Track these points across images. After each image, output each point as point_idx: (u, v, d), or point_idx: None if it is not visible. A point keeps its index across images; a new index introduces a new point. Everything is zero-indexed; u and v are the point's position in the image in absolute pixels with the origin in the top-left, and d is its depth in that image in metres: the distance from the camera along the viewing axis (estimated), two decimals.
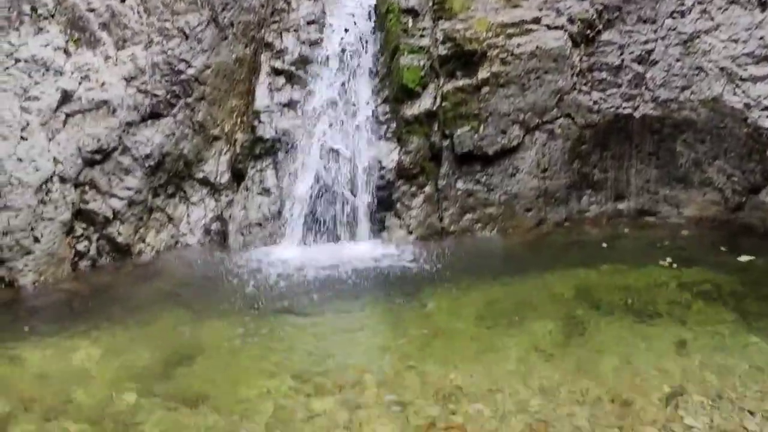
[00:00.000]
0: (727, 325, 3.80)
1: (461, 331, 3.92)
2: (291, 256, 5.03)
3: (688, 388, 3.06)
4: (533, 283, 4.66)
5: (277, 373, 3.30)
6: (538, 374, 3.26)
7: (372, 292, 4.58)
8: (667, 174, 5.97)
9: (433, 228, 5.56)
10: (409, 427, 2.76)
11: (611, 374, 3.25)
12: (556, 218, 5.94)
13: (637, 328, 3.84)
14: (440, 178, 5.61)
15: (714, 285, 4.50)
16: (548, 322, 3.93)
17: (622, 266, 4.92)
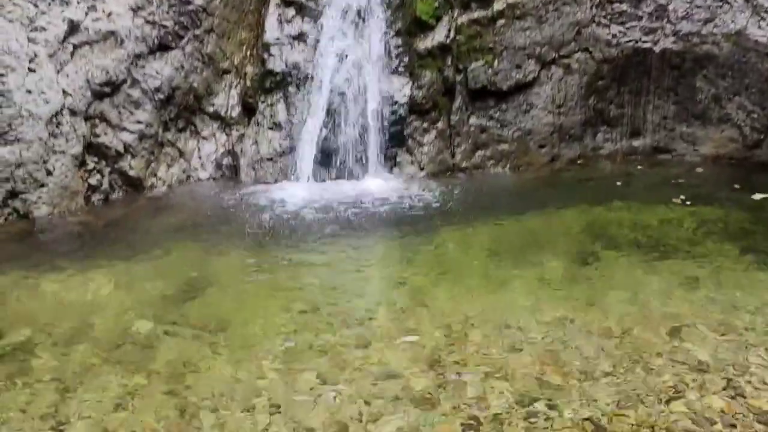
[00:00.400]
0: (738, 262, 3.80)
1: (472, 266, 3.94)
2: (302, 192, 5.03)
3: (695, 321, 3.07)
4: (545, 220, 4.66)
5: (289, 306, 3.34)
6: (547, 308, 3.28)
7: (383, 228, 4.60)
8: (685, 110, 5.85)
9: (445, 164, 5.52)
10: (420, 359, 2.81)
11: (620, 308, 3.27)
12: (569, 155, 5.88)
13: (648, 263, 3.84)
14: (453, 113, 5.53)
15: (726, 222, 4.48)
16: (559, 258, 3.94)
17: (635, 203, 4.90)
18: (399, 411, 2.42)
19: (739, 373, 2.54)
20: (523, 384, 2.58)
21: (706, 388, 2.46)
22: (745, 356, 2.69)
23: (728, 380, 2.50)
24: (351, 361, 2.79)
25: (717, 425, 2.22)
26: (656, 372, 2.62)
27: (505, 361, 2.77)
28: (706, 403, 2.36)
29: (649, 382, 2.54)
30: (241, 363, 2.77)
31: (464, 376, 2.66)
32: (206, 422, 2.36)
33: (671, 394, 2.44)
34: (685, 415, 2.30)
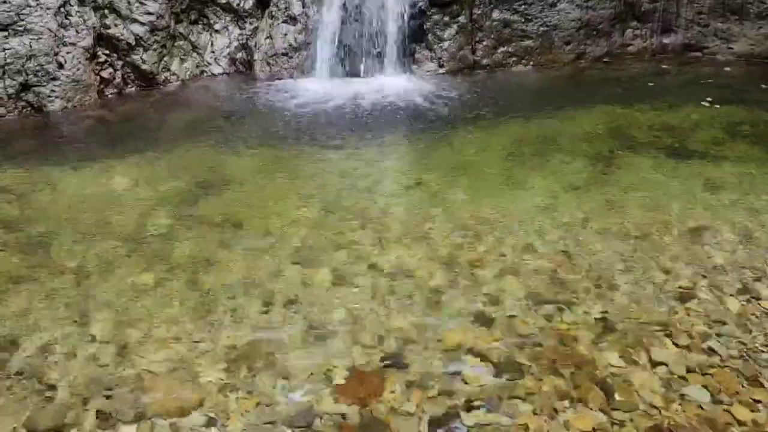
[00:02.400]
0: (764, 166, 3.70)
1: (490, 166, 3.88)
2: (318, 88, 4.90)
3: (714, 225, 3.04)
4: (567, 120, 4.54)
5: (307, 203, 3.34)
6: (564, 209, 3.26)
7: (400, 127, 4.51)
8: (722, 5, 5.52)
9: (466, 61, 5.32)
10: (434, 255, 2.82)
11: (638, 210, 3.23)
12: (596, 52, 5.63)
13: (669, 166, 3.76)
14: (476, 6, 5.25)
15: (755, 125, 4.33)
16: (580, 160, 3.87)
17: (661, 104, 4.74)
18: (413, 308, 2.46)
19: (755, 277, 2.53)
20: (537, 283, 2.60)
21: (721, 290, 2.45)
22: (763, 259, 2.67)
23: (744, 283, 2.48)
24: (366, 258, 2.81)
25: (728, 325, 2.23)
26: (672, 274, 2.62)
27: (520, 260, 2.78)
28: (721, 304, 2.36)
29: (664, 283, 2.55)
30: (259, 258, 2.81)
31: (478, 274, 2.68)
32: (224, 315, 2.42)
33: (685, 295, 2.44)
34: (697, 315, 2.31)
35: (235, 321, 2.39)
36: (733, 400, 1.90)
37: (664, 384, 1.99)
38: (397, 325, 2.36)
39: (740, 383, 1.95)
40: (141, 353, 2.21)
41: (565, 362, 2.12)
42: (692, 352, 2.11)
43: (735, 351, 2.10)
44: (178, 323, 2.37)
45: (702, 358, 2.08)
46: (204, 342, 2.27)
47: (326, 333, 2.32)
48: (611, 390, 1.98)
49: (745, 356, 2.06)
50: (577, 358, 2.15)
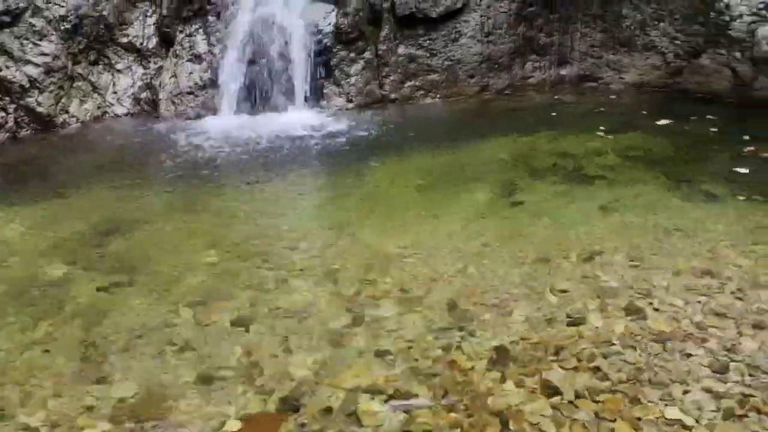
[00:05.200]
0: (655, 188, 3.90)
1: (400, 198, 3.93)
2: (225, 126, 4.87)
3: (607, 246, 3.16)
4: (475, 150, 4.68)
5: (210, 243, 3.28)
6: (470, 238, 3.32)
7: (309, 162, 4.52)
8: (612, 38, 5.88)
9: (374, 95, 5.42)
10: (339, 292, 2.81)
11: (540, 236, 3.33)
12: (499, 85, 5.86)
13: (570, 191, 3.92)
14: (381, 42, 5.39)
15: (645, 150, 4.58)
16: (487, 188, 3.98)
17: (561, 132, 4.95)
18: (313, 348, 2.43)
19: (641, 296, 2.64)
20: (438, 315, 2.62)
21: (610, 312, 2.55)
22: (650, 280, 2.79)
23: (630, 303, 2.59)
24: (269, 298, 2.77)
25: (616, 346, 2.31)
26: (567, 298, 2.70)
27: (421, 292, 2.80)
28: (608, 326, 2.45)
29: (559, 307, 2.62)
30: (155, 303, 2.72)
31: (381, 309, 2.68)
32: (113, 366, 2.32)
33: (577, 318, 2.52)
34: (587, 337, 2.39)
35: (124, 372, 2.29)
36: (616, 416, 1.96)
37: (555, 409, 2.03)
38: (296, 367, 2.32)
39: (624, 403, 2.02)
40: (19, 413, 2.08)
41: (461, 394, 2.14)
42: (582, 375, 2.17)
43: (622, 372, 2.17)
44: (61, 378, 2.24)
45: (590, 379, 2.15)
46: (89, 396, 2.15)
47: (221, 379, 2.25)
48: (506, 419, 2.01)
49: (631, 377, 2.14)
50: (473, 388, 2.17)
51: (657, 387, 2.08)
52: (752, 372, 2.11)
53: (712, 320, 2.44)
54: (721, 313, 2.49)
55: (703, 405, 1.99)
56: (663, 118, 5.04)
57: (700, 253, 3.04)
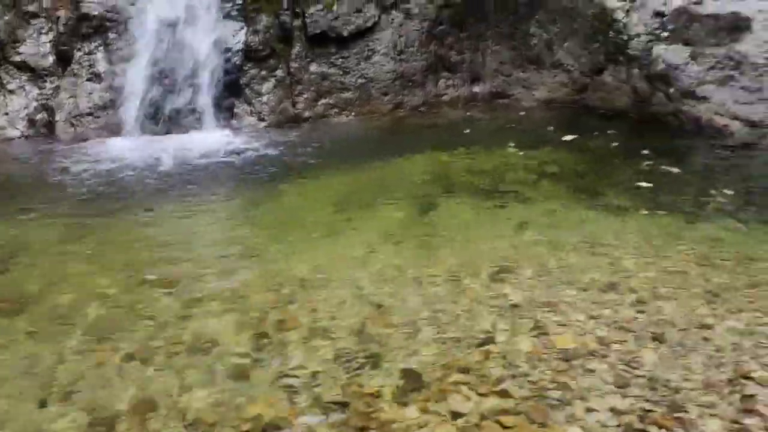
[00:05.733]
0: (561, 203, 3.99)
1: (313, 219, 3.84)
2: (129, 148, 4.64)
3: (518, 263, 3.18)
4: (390, 168, 4.65)
5: (109, 274, 3.08)
6: (382, 259, 3.26)
7: (219, 185, 4.36)
8: (521, 56, 6.03)
9: (287, 114, 5.32)
10: (244, 321, 2.69)
11: (451, 255, 3.32)
12: (413, 102, 5.89)
13: (483, 209, 3.94)
14: (292, 60, 5.31)
15: (555, 165, 4.69)
16: (401, 207, 3.95)
17: (475, 149, 5.01)
18: (213, 381, 2.29)
19: (547, 313, 2.66)
20: (347, 342, 2.54)
21: (517, 331, 2.54)
22: (557, 296, 2.82)
23: (536, 321, 2.60)
24: (168, 330, 2.61)
25: (522, 366, 2.30)
26: (476, 318, 2.68)
27: (330, 317, 2.72)
28: (515, 345, 2.44)
29: (467, 328, 2.59)
30: (44, 342, 2.51)
31: (287, 337, 2.57)
32: None
33: (485, 339, 2.50)
34: (494, 357, 2.37)
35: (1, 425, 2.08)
36: None
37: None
38: (194, 402, 2.18)
39: (530, 425, 2.00)
40: None
41: (368, 424, 2.07)
42: (489, 398, 2.14)
43: (527, 391, 2.16)
44: None
45: (496, 402, 2.12)
46: None
47: (111, 422, 2.08)
48: None
49: (537, 398, 2.13)
50: (381, 417, 2.10)
51: (561, 407, 2.07)
52: (652, 385, 2.14)
53: (615, 334, 2.47)
54: (623, 327, 2.53)
55: (606, 422, 1.99)
56: (569, 134, 5.19)
57: (605, 267, 3.10)
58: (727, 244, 3.36)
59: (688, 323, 2.51)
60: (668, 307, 2.67)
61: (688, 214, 3.75)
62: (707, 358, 2.27)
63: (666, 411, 2.00)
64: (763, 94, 4.99)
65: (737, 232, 3.54)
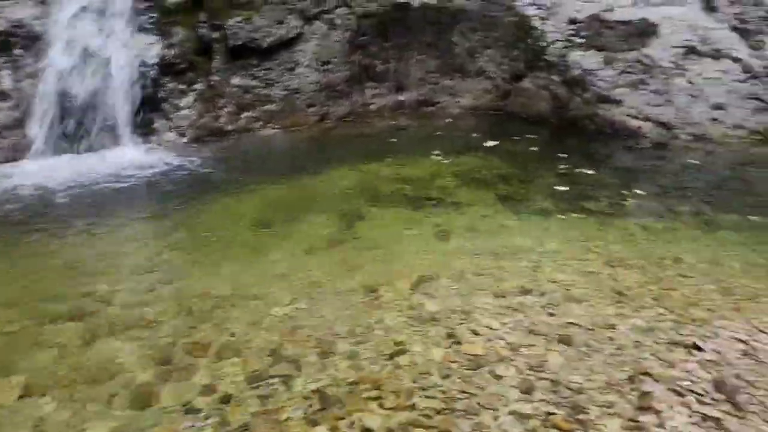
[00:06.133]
0: (491, 209, 4.04)
1: (234, 236, 3.76)
2: (39, 169, 4.43)
3: (438, 272, 3.19)
4: (317, 180, 4.61)
5: (14, 301, 2.92)
6: (303, 274, 3.22)
7: (137, 204, 4.22)
8: (446, 64, 6.10)
9: (209, 128, 5.22)
10: (153, 345, 2.59)
11: (373, 266, 3.30)
12: (339, 112, 5.87)
13: (409, 217, 3.95)
14: (213, 73, 5.21)
15: (480, 171, 4.76)
16: (327, 219, 3.92)
17: (403, 157, 5.03)
18: (114, 410, 2.20)
19: (461, 321, 2.67)
20: (259, 362, 2.49)
21: (430, 341, 2.54)
22: (472, 303, 2.84)
23: (450, 330, 2.60)
24: (70, 358, 2.49)
25: (433, 376, 2.30)
26: (392, 330, 2.66)
27: (244, 338, 2.65)
28: (428, 355, 2.44)
29: (383, 341, 2.58)
30: None
31: (197, 360, 2.50)
32: None
33: (398, 351, 2.49)
34: (406, 369, 2.36)
35: None
36: None
37: None
38: None
39: None
40: None
41: None
42: (399, 413, 2.13)
43: (436, 403, 2.15)
44: None
45: (406, 416, 2.11)
46: None
47: None
48: None
49: (446, 409, 2.12)
50: None
51: (469, 416, 2.08)
52: (555, 388, 2.17)
53: (525, 339, 2.50)
54: (533, 330, 2.57)
55: (511, 429, 2.01)
56: (491, 140, 5.28)
57: (521, 272, 3.16)
58: (638, 244, 3.49)
59: (595, 324, 2.57)
60: (578, 309, 2.73)
61: (602, 216, 3.87)
62: (610, 358, 2.33)
63: (567, 413, 2.03)
64: (672, 96, 5.20)
65: (649, 231, 3.67)
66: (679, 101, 5.19)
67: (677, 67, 5.23)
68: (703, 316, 2.61)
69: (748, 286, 2.94)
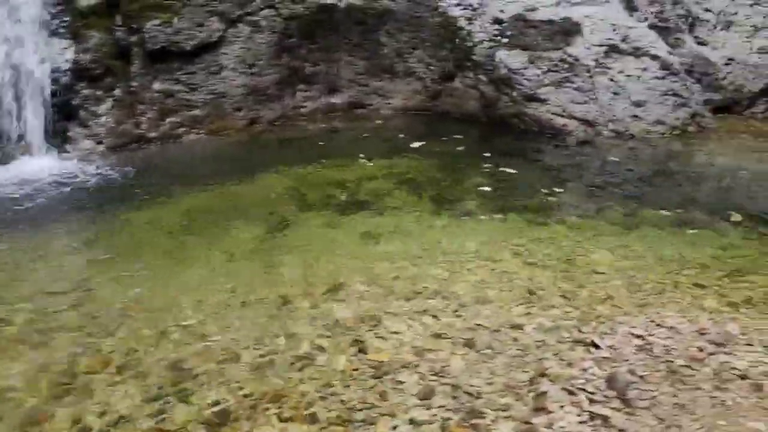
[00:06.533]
0: (420, 212, 4.01)
1: (158, 245, 3.64)
2: None
3: (355, 278, 3.15)
4: (244, 186, 4.52)
5: None
6: (221, 284, 3.13)
7: (49, 216, 4.02)
8: (375, 65, 6.08)
9: (129, 136, 5.05)
10: (48, 364, 2.47)
11: (294, 272, 3.24)
12: (270, 116, 5.78)
13: (336, 222, 3.89)
14: (132, 78, 5.05)
15: (406, 173, 4.73)
16: (253, 226, 3.83)
17: (335, 161, 4.97)
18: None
19: (370, 328, 2.64)
20: (159, 377, 2.40)
21: (337, 349, 2.50)
22: (383, 308, 2.81)
23: (357, 337, 2.57)
24: None
25: (336, 386, 2.26)
26: (298, 340, 2.60)
27: (147, 353, 2.56)
28: (333, 365, 2.40)
29: (288, 351, 2.52)
30: None
31: (96, 378, 2.40)
32: None
33: (304, 362, 2.44)
34: (310, 380, 2.31)
35: None
36: None
37: None
38: None
39: None
40: None
41: None
42: (296, 426, 2.08)
43: (335, 413, 2.11)
44: None
45: (304, 428, 2.06)
46: None
47: None
48: None
49: (344, 419, 2.08)
50: None
51: (366, 426, 2.04)
52: (454, 393, 2.15)
53: (430, 343, 2.48)
54: (440, 334, 2.55)
55: None
56: (419, 141, 5.27)
57: (437, 275, 3.14)
58: (557, 243, 3.51)
59: (501, 325, 2.57)
60: (487, 310, 2.73)
61: (524, 215, 3.88)
62: (512, 360, 2.33)
63: (463, 418, 2.02)
64: (596, 95, 5.30)
65: (569, 229, 3.71)
66: (602, 99, 5.29)
67: (599, 65, 5.33)
68: (607, 313, 2.64)
69: (656, 281, 2.99)
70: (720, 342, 2.29)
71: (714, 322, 2.49)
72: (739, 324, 2.48)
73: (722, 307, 2.68)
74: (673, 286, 2.91)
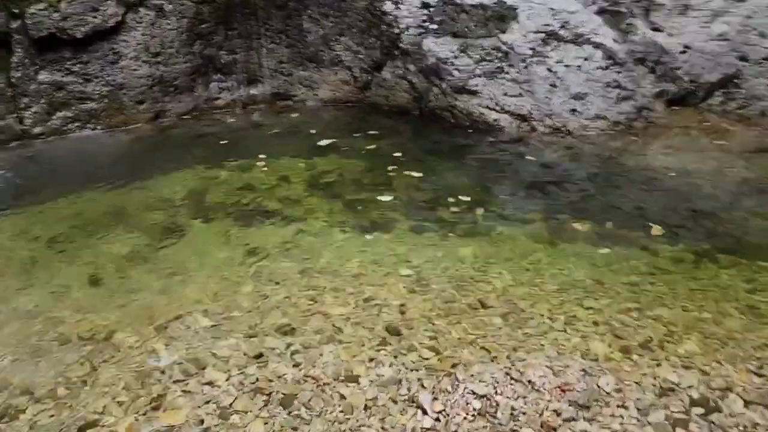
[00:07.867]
0: (313, 223, 3.54)
1: (23, 257, 3.20)
2: None
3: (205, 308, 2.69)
4: (139, 190, 4.05)
5: None
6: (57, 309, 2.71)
7: None
8: (299, 54, 5.58)
9: (11, 132, 4.57)
10: None
11: (146, 299, 2.79)
12: (179, 109, 5.28)
13: (229, 233, 3.44)
14: (14, 69, 4.54)
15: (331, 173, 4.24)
16: (134, 237, 3.39)
17: (247, 160, 4.50)
18: None
19: (184, 378, 2.19)
20: None
21: (132, 405, 2.05)
22: (213, 349, 2.36)
23: (164, 389, 2.12)
24: None
25: None
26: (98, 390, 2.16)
27: None
28: (117, 427, 1.95)
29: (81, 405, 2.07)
30: None
31: None
32: None
33: (90, 420, 1.99)
34: None
35: None
36: None
37: None
38: None
39: None
40: None
41: None
42: None
43: None
44: None
45: None
46: None
47: None
48: None
49: None
50: None
51: None
52: None
53: (243, 401, 2.04)
54: (261, 388, 2.11)
55: None
56: (341, 138, 4.78)
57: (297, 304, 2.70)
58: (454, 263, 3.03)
59: (335, 376, 2.12)
60: (330, 354, 2.28)
61: (429, 230, 3.40)
62: (327, 425, 1.88)
63: None
64: (531, 87, 4.82)
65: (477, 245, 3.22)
66: (538, 91, 4.81)
67: (536, 54, 4.85)
68: (470, 359, 2.20)
69: (547, 316, 2.52)
70: (584, 403, 1.85)
71: (585, 374, 2.04)
72: (619, 377, 2.03)
73: (612, 352, 2.23)
74: (564, 322, 2.45)
